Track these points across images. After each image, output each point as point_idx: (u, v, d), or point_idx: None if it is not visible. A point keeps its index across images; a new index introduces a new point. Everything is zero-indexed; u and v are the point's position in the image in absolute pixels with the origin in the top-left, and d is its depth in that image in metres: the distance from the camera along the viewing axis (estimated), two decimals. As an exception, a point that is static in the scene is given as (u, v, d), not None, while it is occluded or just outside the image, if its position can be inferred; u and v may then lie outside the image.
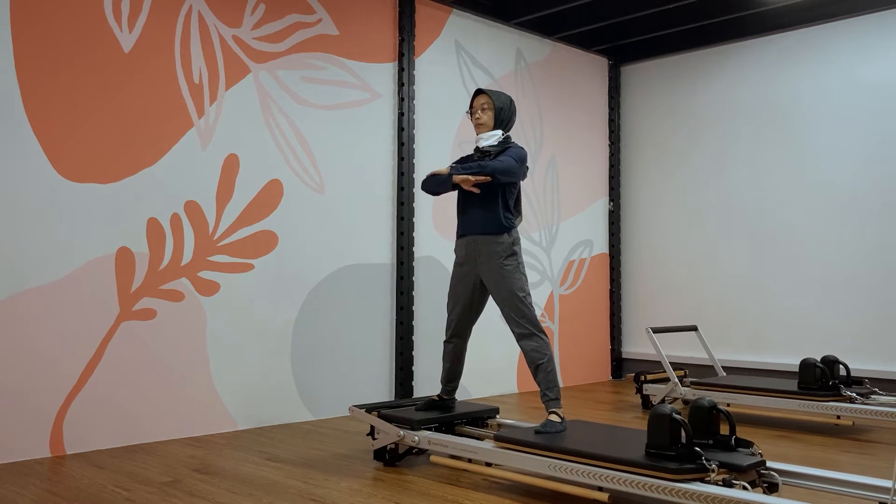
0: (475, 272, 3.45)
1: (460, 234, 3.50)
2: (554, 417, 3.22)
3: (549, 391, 3.27)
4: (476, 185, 3.36)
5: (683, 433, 2.57)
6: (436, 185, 3.45)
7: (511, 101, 3.50)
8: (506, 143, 3.45)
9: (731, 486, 2.44)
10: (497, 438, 3.06)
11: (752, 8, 5.63)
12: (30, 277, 3.58)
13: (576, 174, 6.41)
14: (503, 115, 3.46)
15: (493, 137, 3.45)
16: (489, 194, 3.39)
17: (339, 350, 4.74)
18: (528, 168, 3.46)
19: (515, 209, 3.51)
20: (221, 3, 4.28)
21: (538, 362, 3.29)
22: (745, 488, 2.45)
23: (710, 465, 2.49)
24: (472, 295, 3.49)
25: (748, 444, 2.71)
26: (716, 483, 2.48)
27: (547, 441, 2.91)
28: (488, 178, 3.32)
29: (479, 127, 3.48)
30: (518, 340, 3.36)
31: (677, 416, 2.57)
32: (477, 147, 3.49)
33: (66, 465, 3.40)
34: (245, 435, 4.11)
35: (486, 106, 3.46)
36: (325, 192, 4.71)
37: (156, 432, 3.94)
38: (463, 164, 3.49)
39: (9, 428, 3.48)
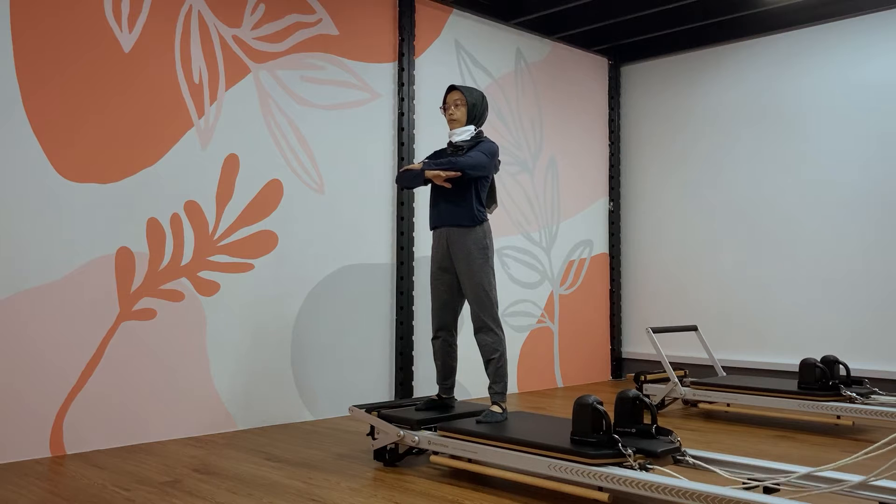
0: (450, 263, 3.53)
1: (433, 226, 3.59)
2: (496, 409, 3.38)
3: (495, 384, 3.45)
4: (447, 180, 3.45)
5: (604, 422, 2.76)
6: (409, 179, 3.53)
7: (483, 97, 3.60)
8: (478, 139, 3.55)
9: (646, 469, 2.61)
10: (440, 428, 3.24)
11: (751, 8, 5.63)
12: (30, 277, 3.58)
13: (576, 174, 6.41)
14: (476, 111, 3.56)
15: (465, 133, 3.54)
16: (461, 188, 3.48)
17: (339, 350, 4.74)
18: (499, 161, 3.60)
19: (490, 198, 3.65)
20: (221, 3, 4.28)
21: (490, 357, 3.45)
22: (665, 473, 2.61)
23: (627, 451, 2.66)
24: (451, 287, 3.56)
25: (668, 433, 2.86)
26: (631, 468, 2.64)
27: (486, 430, 3.09)
28: (458, 174, 3.41)
29: (453, 122, 3.56)
30: (475, 332, 3.48)
31: (599, 406, 2.77)
32: (450, 142, 3.58)
33: (66, 465, 3.40)
34: (245, 435, 4.11)
35: (459, 102, 3.55)
36: (324, 192, 4.71)
37: (156, 432, 3.94)
38: (436, 158, 3.58)
39: (9, 428, 3.48)
